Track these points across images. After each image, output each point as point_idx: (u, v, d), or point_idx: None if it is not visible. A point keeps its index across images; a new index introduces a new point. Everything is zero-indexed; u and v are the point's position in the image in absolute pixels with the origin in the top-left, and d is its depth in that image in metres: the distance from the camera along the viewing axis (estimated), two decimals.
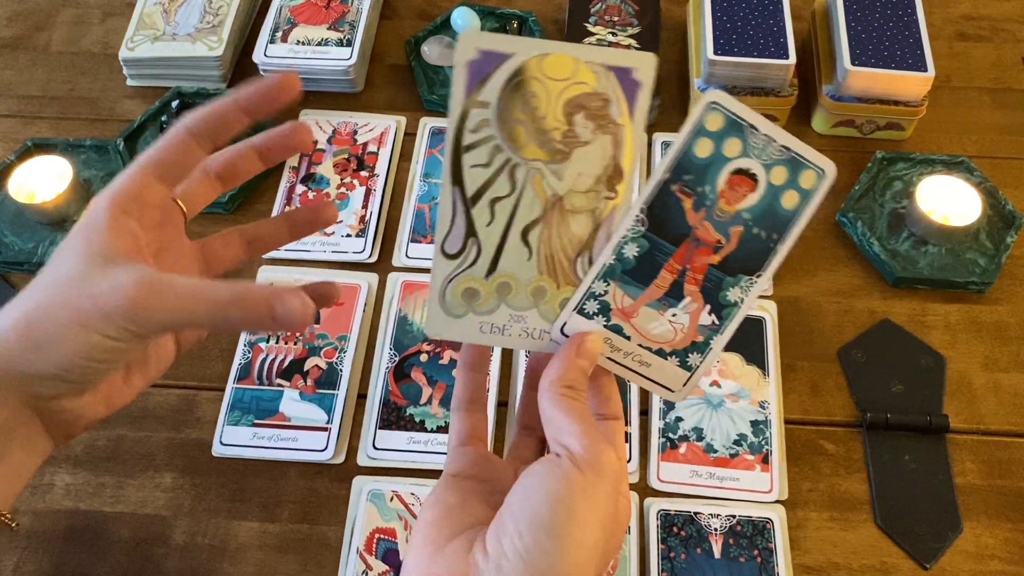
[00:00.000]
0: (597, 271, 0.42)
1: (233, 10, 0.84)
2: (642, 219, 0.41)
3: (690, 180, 0.41)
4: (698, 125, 0.40)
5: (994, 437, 0.64)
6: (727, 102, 0.40)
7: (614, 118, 0.40)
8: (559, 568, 0.35)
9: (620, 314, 0.43)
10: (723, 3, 0.78)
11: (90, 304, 0.38)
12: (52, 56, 0.87)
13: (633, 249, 0.42)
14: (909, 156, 0.76)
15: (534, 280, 0.42)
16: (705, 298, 0.42)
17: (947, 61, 0.84)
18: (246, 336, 0.68)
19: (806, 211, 0.41)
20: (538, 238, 0.42)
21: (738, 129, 0.40)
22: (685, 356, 0.43)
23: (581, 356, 0.41)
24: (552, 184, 0.41)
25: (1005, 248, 0.71)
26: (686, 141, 0.40)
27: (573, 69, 0.40)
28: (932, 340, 0.68)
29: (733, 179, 0.41)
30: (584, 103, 0.40)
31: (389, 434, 0.64)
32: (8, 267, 0.72)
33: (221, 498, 0.62)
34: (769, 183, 0.41)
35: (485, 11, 0.85)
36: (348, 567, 0.59)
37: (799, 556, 0.59)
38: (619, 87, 0.40)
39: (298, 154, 0.78)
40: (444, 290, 0.42)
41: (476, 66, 0.39)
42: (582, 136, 0.40)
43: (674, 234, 0.41)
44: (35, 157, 0.76)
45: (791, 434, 0.64)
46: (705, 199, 0.41)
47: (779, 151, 0.40)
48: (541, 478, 0.38)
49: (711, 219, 0.41)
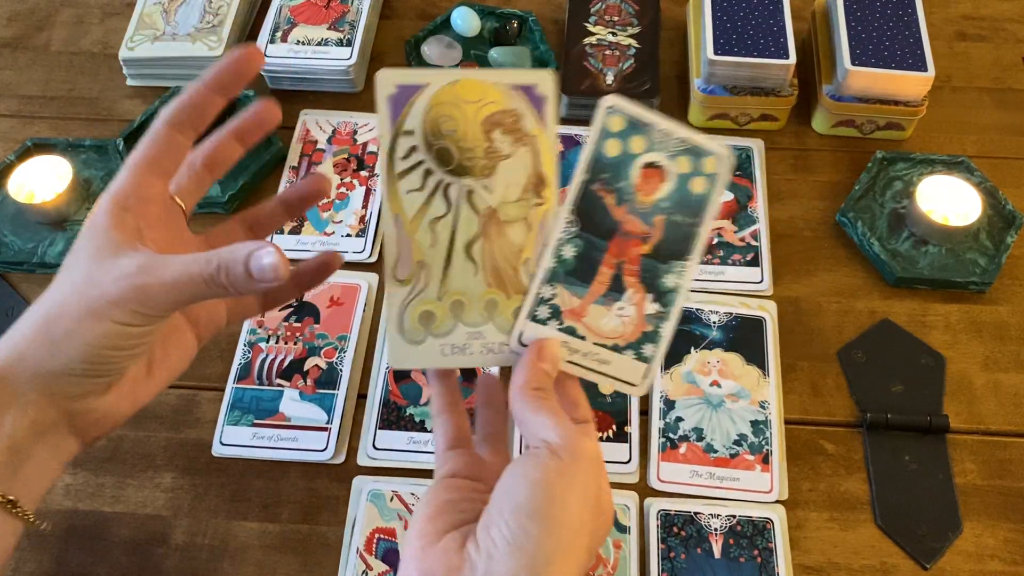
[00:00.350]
0: (542, 276, 0.44)
1: (233, 10, 0.84)
2: (573, 220, 0.44)
3: (607, 178, 0.44)
4: (602, 128, 0.44)
5: (994, 437, 0.64)
6: (623, 106, 0.44)
7: (527, 130, 0.43)
8: (546, 549, 0.37)
9: (571, 315, 0.45)
10: (723, 3, 0.78)
11: (98, 293, 0.40)
12: (52, 56, 0.87)
13: (570, 250, 0.44)
14: (909, 156, 0.76)
15: (484, 294, 0.44)
16: (646, 287, 0.45)
17: (947, 61, 0.84)
18: (246, 336, 0.68)
19: (715, 194, 0.44)
20: (481, 252, 0.44)
21: (639, 128, 0.44)
22: (639, 348, 0.45)
23: (543, 360, 0.43)
24: (484, 198, 0.44)
25: (1005, 248, 0.71)
26: (595, 143, 0.44)
27: (483, 91, 0.43)
28: (932, 340, 0.68)
29: (645, 172, 0.44)
30: (499, 120, 0.43)
31: (389, 434, 0.64)
32: (8, 267, 0.72)
33: (221, 498, 0.62)
34: (677, 172, 0.44)
35: (485, 11, 0.85)
36: (348, 567, 0.59)
37: (799, 556, 0.59)
38: (527, 102, 0.43)
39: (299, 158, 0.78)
40: (401, 318, 0.44)
41: (396, 99, 0.43)
42: (503, 150, 0.43)
43: (604, 230, 0.44)
44: (35, 157, 0.75)
45: (791, 434, 0.64)
46: (624, 194, 0.44)
47: (679, 143, 0.44)
48: (522, 468, 0.39)
49: (634, 212, 0.44)
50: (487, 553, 0.37)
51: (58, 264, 0.71)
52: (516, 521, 0.37)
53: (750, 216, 0.74)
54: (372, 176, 0.77)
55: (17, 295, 0.71)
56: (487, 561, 0.37)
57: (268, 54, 0.81)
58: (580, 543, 0.39)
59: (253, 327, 0.68)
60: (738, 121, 0.79)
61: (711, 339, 0.67)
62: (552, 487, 0.38)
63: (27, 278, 0.72)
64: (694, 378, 0.66)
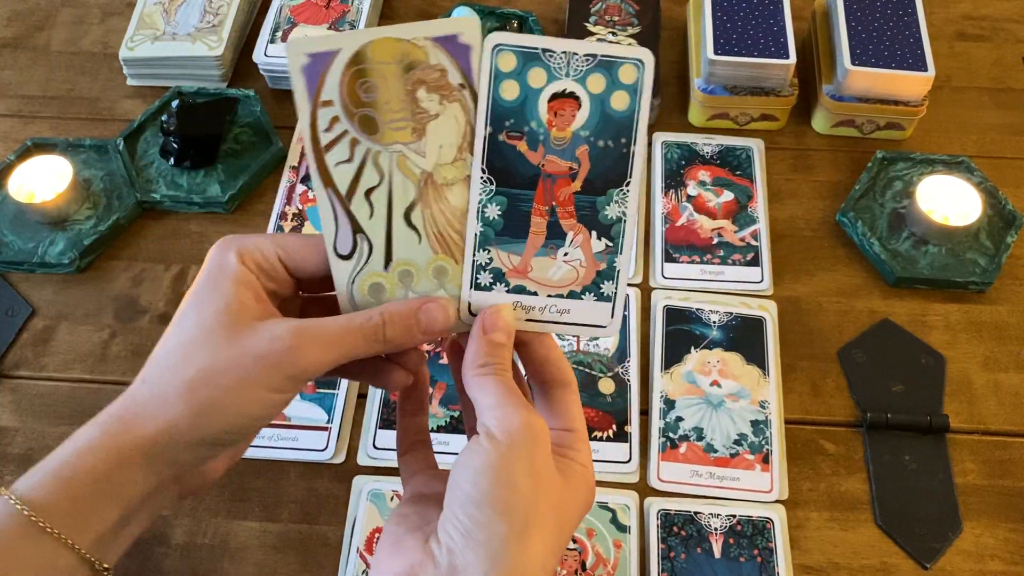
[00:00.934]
0: (472, 244, 0.42)
1: (233, 10, 0.84)
2: (487, 178, 0.41)
3: (513, 123, 0.41)
4: (494, 71, 0.40)
5: (994, 437, 0.64)
6: (510, 39, 0.40)
7: (455, 85, 0.40)
8: (501, 534, 0.36)
9: (516, 274, 0.42)
10: (723, 3, 0.78)
11: (252, 361, 0.39)
12: (52, 56, 0.87)
13: (495, 209, 0.42)
14: (909, 156, 0.76)
15: (432, 261, 0.42)
16: (587, 225, 0.42)
17: (947, 61, 0.84)
18: None
19: (641, 105, 0.41)
20: (422, 219, 0.42)
21: (535, 58, 0.40)
22: (598, 288, 0.43)
23: (492, 330, 0.42)
24: (418, 163, 0.41)
25: (1005, 248, 0.71)
26: (489, 90, 0.40)
27: (400, 49, 0.40)
28: (932, 340, 0.68)
29: (554, 105, 0.41)
30: (422, 78, 0.40)
31: (389, 434, 0.64)
32: (8, 267, 0.72)
33: (221, 498, 0.62)
34: (591, 94, 0.41)
35: (485, 11, 0.85)
36: (348, 567, 0.59)
37: (799, 556, 0.59)
38: (450, 55, 0.40)
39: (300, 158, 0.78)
40: (351, 292, 0.42)
41: (310, 69, 0.40)
42: (431, 110, 0.41)
43: (525, 179, 0.41)
44: (35, 157, 0.75)
45: (791, 434, 0.64)
46: (537, 135, 0.41)
47: (586, 60, 0.40)
48: (465, 460, 0.39)
49: (553, 151, 0.41)
50: (447, 548, 0.37)
51: (58, 264, 0.71)
52: (466, 512, 0.37)
53: (750, 216, 0.74)
54: None
55: (17, 295, 0.71)
56: (448, 556, 0.37)
57: (268, 54, 0.81)
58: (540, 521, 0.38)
59: None
60: (738, 121, 0.79)
61: (711, 339, 0.67)
62: (493, 471, 0.37)
63: (27, 278, 0.72)
64: (694, 378, 0.66)
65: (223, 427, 0.39)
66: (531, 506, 0.38)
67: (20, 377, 0.68)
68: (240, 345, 0.39)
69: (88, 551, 0.39)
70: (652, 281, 0.71)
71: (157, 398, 0.39)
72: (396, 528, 0.40)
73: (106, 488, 0.39)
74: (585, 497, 0.42)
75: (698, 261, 0.72)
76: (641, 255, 0.72)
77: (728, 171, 0.76)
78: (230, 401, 0.39)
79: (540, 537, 0.37)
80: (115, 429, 0.39)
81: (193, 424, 0.39)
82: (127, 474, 0.39)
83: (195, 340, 0.39)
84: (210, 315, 0.39)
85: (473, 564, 0.36)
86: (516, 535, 0.37)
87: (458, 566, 0.36)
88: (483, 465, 0.38)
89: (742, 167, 0.77)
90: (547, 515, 0.38)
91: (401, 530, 0.40)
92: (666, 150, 0.78)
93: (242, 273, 0.40)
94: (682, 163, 0.77)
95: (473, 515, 0.37)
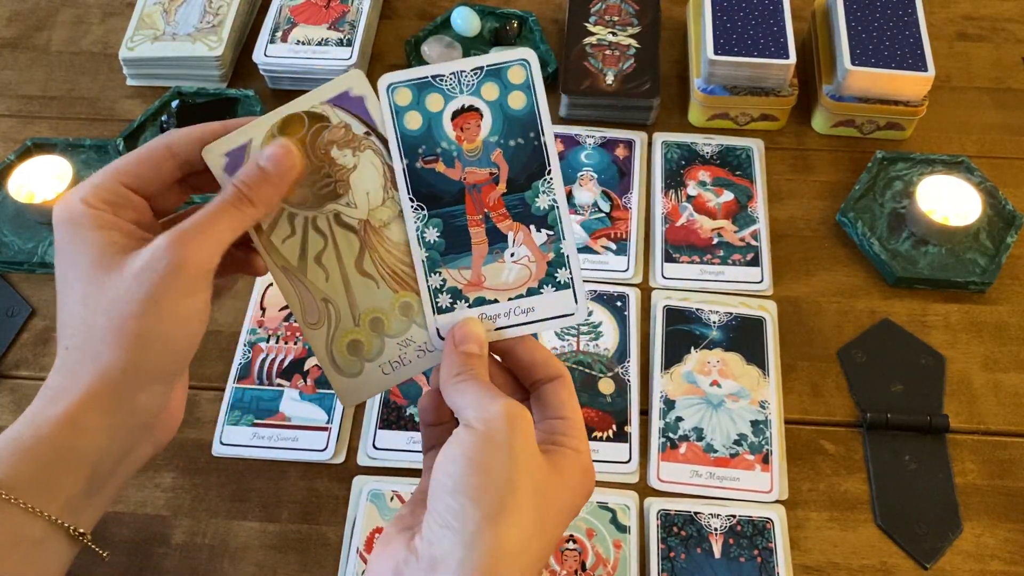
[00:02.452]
0: (422, 271, 0.44)
1: (233, 10, 0.84)
2: (418, 205, 0.44)
3: (425, 149, 0.43)
4: (393, 107, 0.43)
5: (994, 437, 0.64)
6: (399, 76, 0.43)
7: (360, 135, 0.43)
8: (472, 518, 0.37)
9: (472, 287, 0.44)
10: (723, 3, 0.78)
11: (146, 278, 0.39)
12: (52, 56, 0.87)
13: (433, 233, 0.44)
14: (909, 156, 0.76)
15: (395, 300, 0.44)
16: (524, 221, 0.44)
17: (947, 61, 0.84)
18: (246, 336, 0.68)
19: (537, 98, 0.43)
20: (373, 264, 0.44)
21: (427, 86, 0.43)
22: (553, 278, 0.44)
23: (463, 343, 0.43)
24: (352, 215, 0.44)
25: (1005, 248, 0.71)
26: (394, 125, 0.43)
27: (304, 120, 0.43)
28: (932, 340, 0.68)
29: (457, 121, 0.43)
30: (331, 138, 0.43)
31: (389, 434, 0.64)
32: (8, 267, 0.72)
33: (221, 498, 0.62)
34: (488, 103, 0.43)
35: (485, 11, 0.85)
36: (348, 567, 0.59)
37: (799, 556, 0.59)
38: (347, 111, 0.43)
39: None
40: (332, 357, 0.45)
41: (230, 167, 0.42)
42: (348, 164, 0.43)
43: (452, 196, 0.44)
44: (35, 157, 0.76)
45: (791, 434, 0.64)
46: (451, 153, 0.43)
47: (475, 74, 0.43)
48: (443, 452, 0.39)
49: (469, 163, 0.43)
50: (428, 540, 0.37)
51: None
52: (443, 503, 0.37)
53: (750, 216, 0.74)
54: None
55: (17, 295, 0.71)
56: (428, 547, 0.37)
57: (268, 54, 0.81)
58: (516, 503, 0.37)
59: (253, 327, 0.68)
60: (738, 121, 0.79)
61: (711, 339, 0.67)
62: (468, 459, 0.38)
63: (27, 278, 0.72)
64: (694, 378, 0.66)
65: (159, 352, 0.40)
66: (506, 490, 0.37)
67: (20, 377, 0.68)
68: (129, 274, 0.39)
69: (59, 516, 0.39)
70: (652, 281, 0.71)
71: (86, 355, 0.39)
72: (390, 529, 0.41)
73: (67, 454, 0.39)
74: (579, 481, 0.41)
75: (698, 261, 0.72)
76: (641, 255, 0.72)
77: (728, 171, 0.76)
78: (150, 324, 0.39)
79: (517, 519, 0.37)
80: (61, 396, 0.39)
81: (130, 362, 0.39)
82: (86, 436, 0.39)
83: (88, 293, 0.40)
84: (87, 267, 0.40)
85: (449, 552, 0.36)
86: (490, 518, 0.36)
87: (436, 556, 0.37)
88: (458, 455, 0.38)
89: (742, 167, 0.77)
90: (526, 498, 0.38)
91: (394, 531, 0.41)
92: (666, 150, 0.78)
93: (94, 216, 0.40)
94: (682, 163, 0.77)
95: (449, 504, 0.37)
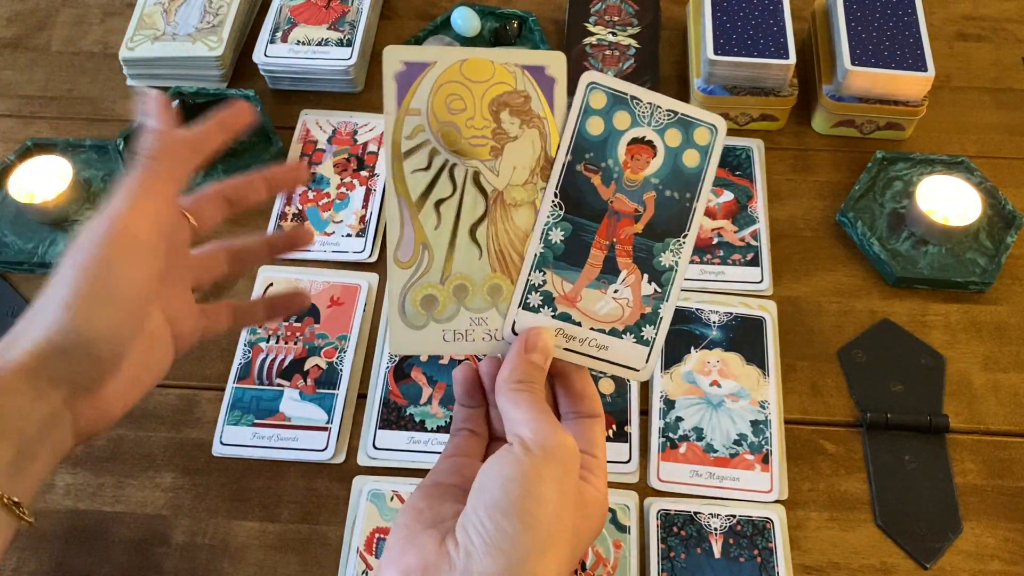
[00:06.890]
0: (530, 263, 0.43)
1: (233, 10, 0.84)
2: (558, 203, 0.43)
3: (592, 157, 0.43)
4: (584, 105, 0.42)
5: (994, 437, 0.64)
6: (604, 80, 0.42)
7: (536, 112, 0.43)
8: (523, 546, 0.37)
9: (564, 301, 0.43)
10: (723, 3, 0.78)
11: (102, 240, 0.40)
12: (52, 56, 0.87)
13: (559, 234, 0.43)
14: (909, 156, 0.76)
15: (488, 279, 0.43)
16: (641, 268, 0.44)
17: (947, 61, 0.84)
18: (246, 336, 0.68)
19: (709, 166, 0.43)
20: (486, 235, 0.43)
21: (623, 102, 0.43)
22: (639, 331, 0.44)
23: (531, 351, 0.42)
24: (491, 180, 0.43)
25: (1005, 248, 0.71)
26: (577, 122, 0.43)
27: (492, 71, 0.42)
28: (932, 340, 0.68)
29: (632, 148, 0.43)
30: (507, 101, 0.42)
31: (389, 434, 0.64)
32: (8, 267, 0.72)
33: (221, 498, 0.62)
34: (667, 146, 0.43)
35: (485, 11, 0.85)
36: (348, 567, 0.59)
37: (799, 556, 0.59)
38: (536, 84, 0.42)
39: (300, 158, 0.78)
40: (403, 301, 0.43)
41: (403, 77, 0.42)
42: (510, 132, 0.43)
43: (593, 211, 0.43)
44: (35, 157, 0.75)
45: (791, 434, 0.64)
46: (612, 172, 0.43)
47: (667, 115, 0.43)
48: (495, 466, 0.39)
49: (623, 190, 0.43)
50: (465, 551, 0.37)
51: None
52: (491, 519, 0.37)
53: (750, 216, 0.74)
54: (372, 176, 0.77)
55: (17, 295, 0.71)
56: (465, 559, 0.37)
57: (268, 54, 0.81)
58: (560, 540, 0.38)
59: (253, 327, 0.68)
60: (738, 121, 0.79)
61: (711, 339, 0.67)
62: (525, 483, 0.38)
63: (27, 278, 0.72)
64: (694, 378, 0.66)
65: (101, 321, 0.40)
66: (555, 523, 0.38)
67: None
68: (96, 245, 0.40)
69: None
70: None
71: (34, 319, 0.40)
72: (411, 523, 0.40)
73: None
74: (598, 523, 0.42)
75: (698, 261, 0.72)
76: None
77: (728, 171, 0.76)
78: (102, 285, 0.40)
79: (556, 556, 0.38)
80: None
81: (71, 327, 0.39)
82: (13, 403, 0.39)
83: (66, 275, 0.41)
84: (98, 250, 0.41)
85: (491, 572, 0.36)
86: (538, 550, 0.37)
87: (475, 571, 0.36)
88: (515, 473, 0.38)
89: (742, 167, 0.77)
90: (566, 535, 0.38)
91: (417, 526, 0.40)
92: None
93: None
94: None
95: (499, 522, 0.37)
